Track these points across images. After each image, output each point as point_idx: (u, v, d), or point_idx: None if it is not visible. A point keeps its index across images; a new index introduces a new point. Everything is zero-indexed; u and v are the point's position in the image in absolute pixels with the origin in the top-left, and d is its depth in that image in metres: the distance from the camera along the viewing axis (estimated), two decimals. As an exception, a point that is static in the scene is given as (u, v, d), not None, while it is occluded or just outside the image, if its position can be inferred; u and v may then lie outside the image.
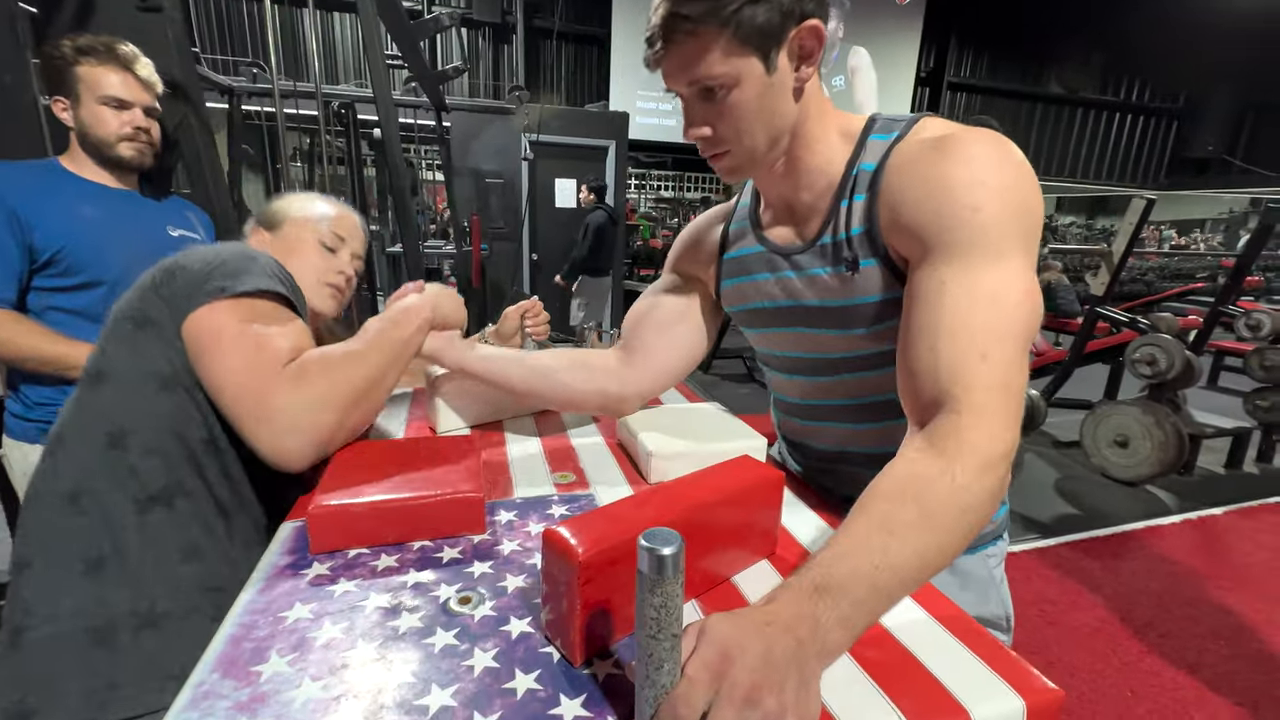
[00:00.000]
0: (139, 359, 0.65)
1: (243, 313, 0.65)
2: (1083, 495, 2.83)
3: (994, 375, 0.49)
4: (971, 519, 0.45)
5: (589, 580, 0.40)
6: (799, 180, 0.66)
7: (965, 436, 0.47)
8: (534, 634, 0.44)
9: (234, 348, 0.63)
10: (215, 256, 0.68)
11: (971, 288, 0.52)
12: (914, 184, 0.57)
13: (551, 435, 0.85)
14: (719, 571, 0.52)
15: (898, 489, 0.46)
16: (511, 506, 0.63)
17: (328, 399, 0.63)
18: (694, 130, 0.63)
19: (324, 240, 0.87)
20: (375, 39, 1.65)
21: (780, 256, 0.70)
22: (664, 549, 0.31)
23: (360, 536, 0.54)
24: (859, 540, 0.42)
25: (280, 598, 0.47)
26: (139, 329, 0.65)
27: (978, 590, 0.75)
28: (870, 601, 0.40)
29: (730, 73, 0.57)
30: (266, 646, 0.42)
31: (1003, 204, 0.53)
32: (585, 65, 8.49)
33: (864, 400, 0.71)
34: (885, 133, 0.63)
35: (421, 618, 0.45)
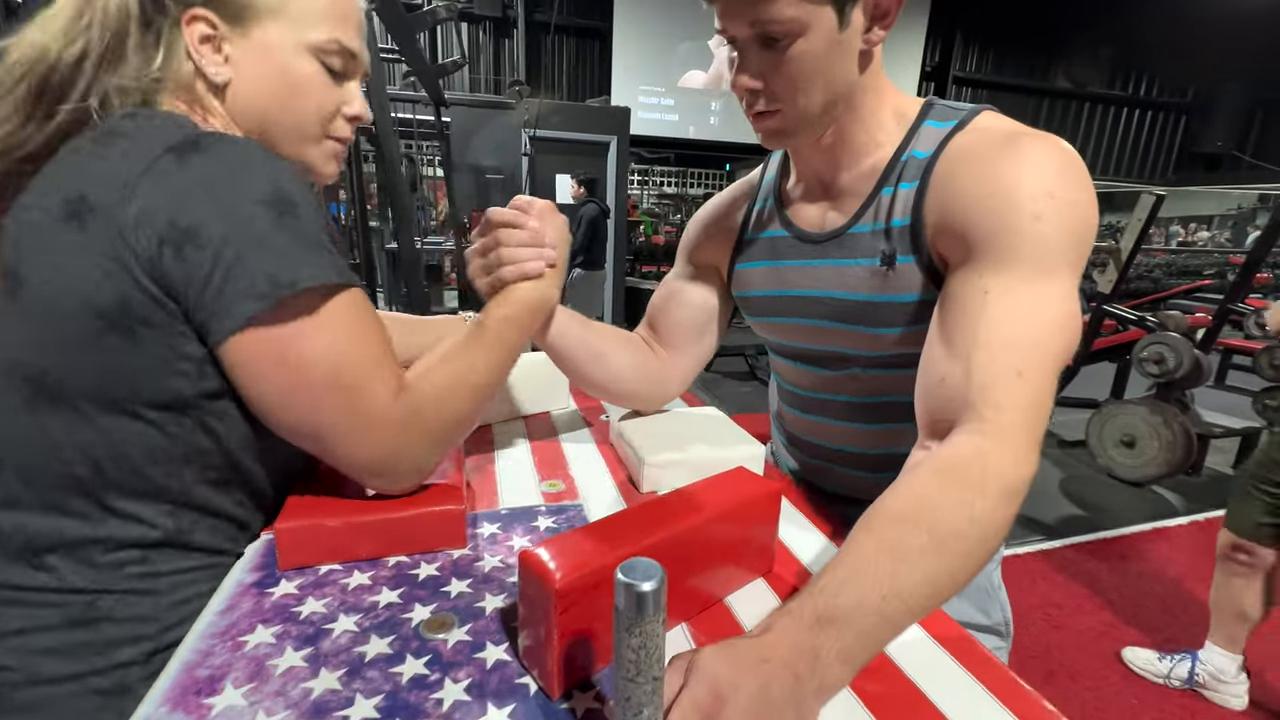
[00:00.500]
0: (116, 377, 0.44)
1: (310, 335, 0.45)
2: (1088, 496, 2.79)
3: (1027, 395, 0.46)
4: (985, 550, 0.42)
5: (567, 608, 0.37)
6: (841, 157, 0.62)
7: (990, 462, 0.44)
8: (511, 662, 0.41)
9: (317, 399, 0.46)
10: (226, 213, 0.43)
11: (1016, 301, 0.48)
12: (974, 180, 0.52)
13: (542, 439, 0.82)
14: (711, 592, 0.48)
15: (910, 512, 0.42)
16: (495, 518, 0.60)
17: (446, 438, 0.53)
18: (745, 80, 0.56)
19: (325, 57, 0.54)
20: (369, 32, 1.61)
21: (808, 243, 0.66)
22: (643, 584, 0.28)
23: (332, 552, 0.51)
24: (865, 566, 0.39)
25: (242, 620, 0.44)
26: (110, 331, 0.43)
27: (976, 598, 0.72)
28: (875, 633, 0.37)
29: (800, 19, 0.51)
30: (222, 675, 0.39)
31: (1066, 219, 0.49)
32: (587, 60, 8.43)
33: (874, 400, 0.67)
34: (943, 120, 0.59)
35: (391, 643, 0.42)
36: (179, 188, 0.43)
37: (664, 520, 0.44)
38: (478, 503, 0.64)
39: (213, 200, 0.43)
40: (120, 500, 0.46)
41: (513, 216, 0.62)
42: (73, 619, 0.45)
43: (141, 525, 0.47)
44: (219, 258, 0.43)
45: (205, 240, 0.42)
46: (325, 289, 0.46)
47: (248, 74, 0.52)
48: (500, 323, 0.58)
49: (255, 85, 0.53)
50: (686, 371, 0.81)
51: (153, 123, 0.47)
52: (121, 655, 0.45)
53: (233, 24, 0.51)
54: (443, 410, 0.52)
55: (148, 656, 0.46)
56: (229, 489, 0.51)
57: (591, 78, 8.43)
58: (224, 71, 0.52)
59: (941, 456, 0.46)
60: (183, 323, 0.45)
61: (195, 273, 0.43)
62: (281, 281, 0.43)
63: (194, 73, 0.51)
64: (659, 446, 0.69)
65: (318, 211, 0.47)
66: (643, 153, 8.60)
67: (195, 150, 0.44)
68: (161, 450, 0.47)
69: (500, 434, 0.84)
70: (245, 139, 0.48)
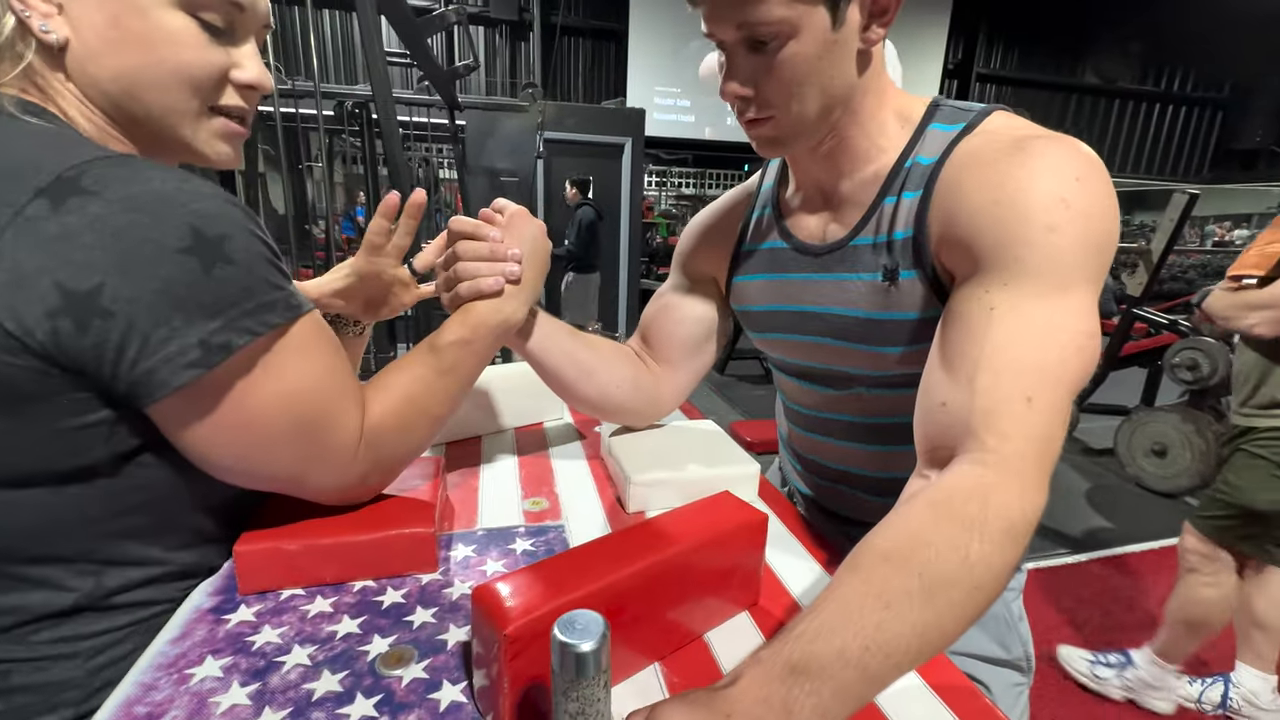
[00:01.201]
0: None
1: (259, 389, 0.41)
2: (1116, 507, 2.69)
3: (1036, 424, 0.41)
4: (982, 598, 0.37)
5: (518, 654, 0.34)
6: (842, 164, 0.58)
7: (992, 498, 0.39)
8: (465, 704, 0.38)
9: (277, 451, 0.43)
10: (127, 260, 0.35)
11: (1027, 320, 0.44)
12: (981, 186, 0.48)
13: (531, 453, 0.80)
14: (690, 628, 0.45)
15: (901, 552, 0.37)
16: (471, 539, 0.58)
17: (402, 465, 0.53)
18: (734, 87, 0.53)
19: (199, 10, 0.43)
20: (373, 35, 1.62)
21: (808, 255, 0.63)
22: (582, 644, 0.25)
23: (295, 576, 0.49)
24: (849, 612, 0.35)
25: (193, 649, 0.42)
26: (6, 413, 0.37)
27: (994, 630, 0.67)
28: (856, 688, 0.33)
29: (790, 19, 0.48)
30: (160, 713, 0.37)
31: (1083, 230, 0.45)
32: (603, 61, 8.44)
33: (879, 420, 0.64)
34: (950, 123, 0.55)
35: (343, 679, 0.40)
36: (63, 244, 0.34)
37: (637, 552, 0.41)
38: (455, 521, 0.61)
39: (113, 256, 0.35)
40: (24, 569, 0.41)
41: (473, 227, 0.59)
42: None
43: (52, 591, 0.41)
44: (132, 326, 0.36)
45: (112, 306, 0.35)
46: (270, 335, 0.40)
47: (91, 31, 0.41)
48: (455, 348, 0.54)
49: (104, 47, 0.41)
50: (681, 387, 0.78)
51: (7, 140, 0.37)
52: None
53: None
54: (400, 444, 0.51)
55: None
56: (157, 538, 0.46)
57: (607, 79, 8.44)
58: (58, 27, 0.40)
59: (939, 488, 0.41)
60: (83, 391, 0.38)
61: (105, 347, 0.36)
62: (214, 345, 0.38)
63: (18, 30, 0.40)
64: (647, 464, 0.66)
65: (252, 236, 0.40)
66: (661, 154, 8.58)
67: (75, 191, 0.35)
68: (69, 518, 0.41)
69: (489, 446, 0.81)
70: (138, 162, 0.38)
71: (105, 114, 0.44)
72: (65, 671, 0.42)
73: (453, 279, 0.58)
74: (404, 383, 0.52)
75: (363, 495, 0.52)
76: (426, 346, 0.55)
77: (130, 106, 0.44)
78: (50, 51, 0.41)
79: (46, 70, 0.42)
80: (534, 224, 0.61)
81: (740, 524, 0.46)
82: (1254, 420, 1.40)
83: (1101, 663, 1.63)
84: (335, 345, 0.47)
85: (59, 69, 0.42)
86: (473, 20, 7.67)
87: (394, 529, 0.51)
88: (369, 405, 0.49)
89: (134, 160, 0.38)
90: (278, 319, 0.41)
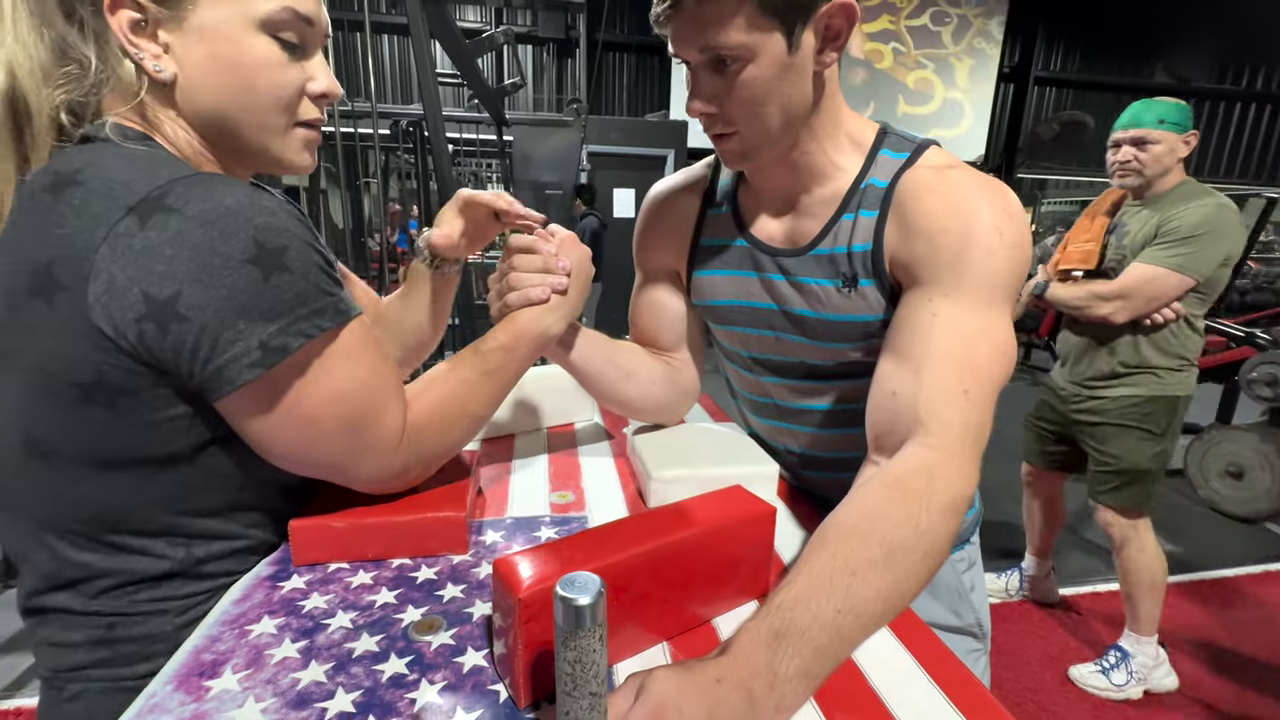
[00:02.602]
0: (91, 443, 0.44)
1: (313, 387, 0.45)
2: (1185, 531, 2.52)
3: (972, 414, 0.50)
4: (932, 563, 0.43)
5: (531, 618, 0.37)
6: (803, 178, 0.63)
7: (937, 476, 0.46)
8: (486, 668, 0.42)
9: (328, 442, 0.48)
10: (205, 269, 0.40)
11: (964, 324, 0.52)
12: (932, 214, 0.56)
13: (561, 451, 0.84)
14: (697, 612, 0.48)
15: (862, 526, 0.43)
16: (500, 526, 0.62)
17: (441, 459, 0.57)
18: (699, 104, 0.58)
19: (279, 30, 0.48)
20: (425, 58, 1.72)
21: (767, 256, 0.66)
22: (579, 598, 0.28)
23: (341, 551, 0.54)
24: (820, 581, 0.40)
25: (252, 610, 0.48)
26: (89, 403, 0.42)
27: (948, 600, 0.73)
28: (833, 648, 0.37)
29: (748, 44, 0.52)
30: (224, 660, 0.42)
31: (1010, 256, 0.54)
32: (647, 75, 8.57)
33: (837, 406, 0.69)
34: (897, 150, 0.61)
35: (379, 641, 0.44)
36: (147, 256, 0.39)
37: (646, 535, 0.44)
38: (487, 510, 0.66)
39: (189, 267, 0.39)
40: (127, 539, 0.47)
41: (530, 243, 0.63)
42: (95, 639, 0.48)
43: (152, 559, 0.48)
44: (204, 330, 0.40)
45: (187, 312, 0.40)
46: (322, 339, 0.45)
47: (194, 66, 0.46)
48: (499, 352, 0.58)
49: (205, 78, 0.47)
50: (694, 371, 0.81)
51: (107, 163, 0.42)
52: (140, 669, 0.48)
53: (164, 6, 0.44)
54: (439, 438, 0.55)
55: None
56: (236, 516, 0.52)
57: (651, 93, 8.56)
58: (167, 65, 0.46)
59: (890, 471, 0.48)
60: (166, 387, 0.43)
61: (182, 348, 0.41)
62: (273, 347, 0.42)
63: (135, 73, 0.45)
64: (668, 461, 0.69)
65: (309, 247, 0.44)
66: (702, 165, 8.62)
67: (159, 209, 0.39)
68: (160, 497, 0.47)
69: (522, 444, 0.86)
70: (215, 180, 0.42)
71: (203, 136, 0.50)
72: (158, 626, 0.49)
73: (504, 290, 0.62)
74: (447, 383, 0.56)
75: (402, 486, 0.56)
76: (471, 350, 0.59)
77: (226, 127, 0.49)
78: (159, 86, 0.47)
79: (155, 103, 0.47)
80: (581, 248, 0.65)
81: (748, 515, 0.48)
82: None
83: (1109, 667, 1.66)
84: (380, 348, 0.51)
85: (167, 101, 0.48)
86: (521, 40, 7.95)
87: (429, 512, 0.55)
88: (413, 403, 0.53)
89: (211, 178, 0.43)
90: (329, 323, 0.45)
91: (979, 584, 0.77)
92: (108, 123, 0.45)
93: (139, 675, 0.47)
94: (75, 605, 0.48)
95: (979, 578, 0.78)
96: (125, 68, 0.46)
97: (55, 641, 0.49)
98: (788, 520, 0.67)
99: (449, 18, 2.13)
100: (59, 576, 0.47)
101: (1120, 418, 1.58)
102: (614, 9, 7.57)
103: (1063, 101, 9.50)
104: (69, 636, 0.48)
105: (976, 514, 0.78)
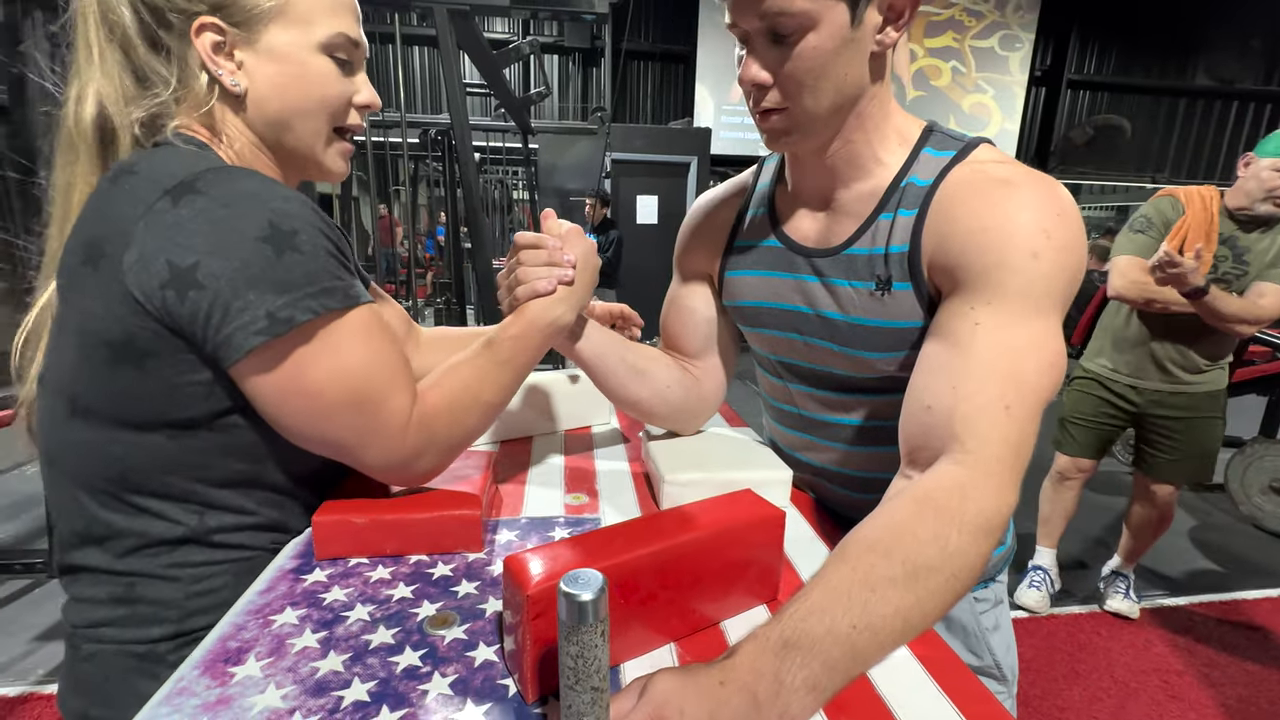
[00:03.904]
0: (123, 399, 0.48)
1: (316, 362, 0.48)
2: (1226, 549, 2.42)
3: (1012, 430, 0.46)
4: (959, 586, 0.40)
5: (539, 614, 0.38)
6: (843, 171, 0.61)
7: (970, 495, 0.43)
8: (496, 663, 0.43)
9: (334, 418, 0.49)
10: (222, 242, 0.44)
11: (1008, 336, 0.49)
12: (971, 214, 0.52)
13: (577, 454, 0.85)
14: (705, 615, 0.48)
15: (886, 542, 0.41)
16: (515, 526, 0.63)
17: (455, 448, 0.58)
18: (754, 72, 0.55)
19: (335, 51, 0.55)
20: (453, 69, 1.76)
21: (801, 256, 0.65)
22: (582, 594, 0.29)
23: (361, 547, 0.56)
24: (837, 594, 0.38)
25: (275, 600, 0.49)
26: (120, 363, 0.46)
27: (962, 638, 0.69)
28: (844, 664, 0.36)
29: (812, 11, 0.50)
30: (248, 648, 0.44)
31: (1060, 260, 0.50)
32: (671, 83, 8.61)
33: (867, 423, 0.66)
34: (942, 149, 0.58)
35: (395, 634, 0.46)
36: (175, 230, 0.44)
37: (655, 535, 0.45)
38: (502, 509, 0.67)
39: (208, 240, 0.44)
40: (148, 500, 0.50)
41: (535, 239, 0.64)
42: (116, 597, 0.51)
43: (167, 523, 0.51)
44: (218, 297, 0.44)
45: (204, 280, 0.44)
46: (328, 316, 0.48)
47: (263, 81, 0.53)
48: (511, 341, 0.60)
49: (271, 91, 0.53)
50: (719, 381, 0.80)
51: (160, 158, 0.48)
52: (152, 633, 0.51)
53: (240, 29, 0.51)
54: (453, 425, 0.56)
55: (172, 637, 0.51)
56: (249, 491, 0.54)
57: (675, 100, 8.60)
58: (241, 79, 0.52)
59: (921, 486, 0.45)
60: (188, 353, 0.47)
61: (198, 313, 0.45)
62: (279, 318, 0.45)
63: (209, 86, 0.52)
64: (681, 465, 0.69)
65: (321, 234, 0.48)
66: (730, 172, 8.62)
67: (190, 191, 0.44)
68: (180, 461, 0.50)
69: (539, 446, 0.87)
70: (242, 172, 0.47)
71: (262, 139, 0.56)
72: (171, 593, 0.51)
73: (513, 284, 0.63)
74: (460, 372, 0.58)
75: (419, 476, 0.57)
76: (484, 342, 0.61)
77: (283, 135, 0.56)
78: (230, 97, 0.53)
79: (226, 113, 0.54)
80: (586, 241, 0.66)
81: (756, 518, 0.48)
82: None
83: (1125, 590, 2.02)
84: (391, 337, 0.53)
85: (236, 111, 0.54)
86: (547, 49, 8.08)
87: (446, 510, 0.57)
88: (427, 392, 0.55)
89: (239, 169, 0.48)
90: (335, 304, 0.48)
91: (1004, 624, 0.72)
92: (172, 131, 0.51)
93: (150, 639, 0.51)
94: (102, 563, 0.51)
95: (1004, 617, 0.73)
96: (200, 83, 0.52)
97: (81, 597, 0.52)
98: (809, 536, 0.65)
99: (477, 30, 2.18)
100: (89, 534, 0.51)
101: (1208, 408, 1.76)
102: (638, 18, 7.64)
103: (1097, 105, 9.24)
104: (94, 593, 0.52)
105: (1007, 550, 0.73)
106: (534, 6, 2.17)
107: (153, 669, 0.51)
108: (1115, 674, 1.71)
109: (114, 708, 0.51)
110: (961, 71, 8.56)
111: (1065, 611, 2.00)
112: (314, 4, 0.53)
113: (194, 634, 0.51)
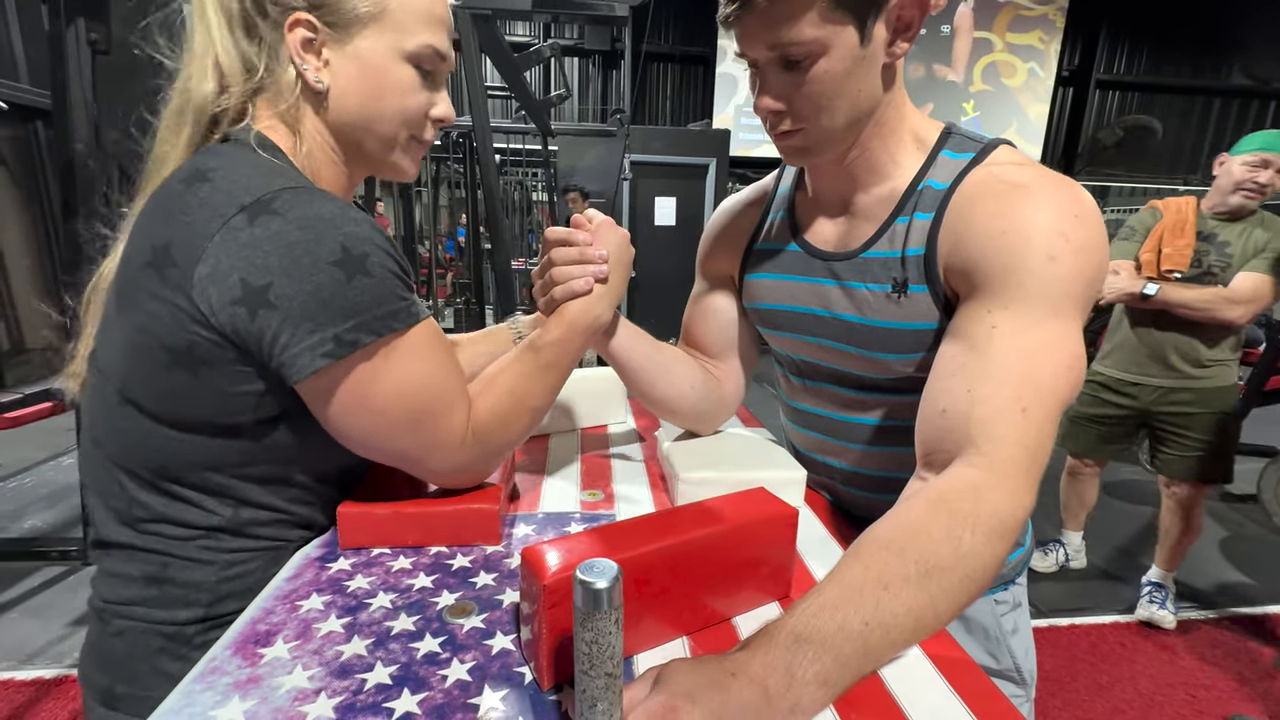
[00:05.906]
0: (188, 405, 0.49)
1: (380, 382, 0.49)
2: (1258, 561, 2.35)
3: (1029, 433, 0.46)
4: (973, 587, 0.40)
5: (555, 604, 0.39)
6: (861, 175, 0.61)
7: (984, 497, 0.43)
8: (513, 651, 0.44)
9: (396, 434, 0.52)
10: (293, 264, 0.45)
11: (1025, 338, 0.48)
12: (989, 216, 0.52)
13: (594, 451, 0.86)
14: (718, 610, 0.49)
15: (899, 540, 0.41)
16: (532, 520, 0.64)
17: (505, 452, 0.60)
18: (768, 102, 0.56)
19: (421, 62, 0.55)
20: (475, 71, 1.79)
21: (818, 260, 0.65)
22: (597, 582, 0.30)
23: (384, 537, 0.58)
24: (850, 592, 0.38)
25: (303, 587, 0.51)
26: (176, 367, 0.48)
27: (981, 639, 0.69)
28: (855, 660, 0.36)
29: (820, 38, 0.51)
30: (276, 631, 0.46)
31: (1078, 263, 0.49)
32: (691, 85, 8.62)
33: (885, 423, 0.66)
34: (960, 151, 0.58)
35: (416, 621, 0.47)
36: (250, 250, 0.45)
37: (668, 530, 0.45)
38: (520, 505, 0.68)
39: (283, 262, 0.45)
40: (186, 490, 0.52)
41: (565, 234, 0.64)
42: (149, 575, 0.53)
43: (204, 511, 0.53)
44: (287, 317, 0.45)
45: (276, 301, 0.45)
46: (390, 337, 0.49)
47: (345, 81, 0.54)
48: (553, 346, 0.60)
49: (352, 92, 0.54)
50: (738, 382, 0.80)
51: (235, 166, 0.48)
52: (180, 615, 0.53)
53: (333, 29, 0.52)
54: (504, 431, 0.58)
55: (200, 620, 0.53)
56: (282, 490, 0.56)
57: (694, 102, 8.60)
58: (325, 77, 0.53)
59: (936, 487, 0.45)
60: (245, 365, 0.48)
61: (266, 332, 0.46)
62: (345, 340, 0.46)
63: (294, 79, 0.53)
64: (696, 463, 0.70)
65: (388, 255, 0.49)
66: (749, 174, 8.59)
67: (266, 211, 0.45)
68: (220, 461, 0.52)
69: (556, 444, 0.88)
70: (317, 194, 0.48)
71: (336, 137, 0.56)
72: (203, 575, 0.53)
73: (548, 284, 0.64)
74: (507, 379, 0.59)
75: (474, 479, 0.59)
76: (527, 345, 0.62)
77: (359, 136, 0.56)
78: (313, 94, 0.54)
79: (305, 108, 0.54)
80: (619, 231, 0.66)
81: (769, 515, 0.49)
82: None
83: (1161, 601, 1.97)
84: (448, 350, 0.54)
85: (316, 109, 0.55)
86: (567, 52, 8.13)
87: (465, 504, 0.58)
88: (476, 401, 0.56)
89: (314, 191, 0.48)
90: (399, 324, 0.49)
91: (1023, 627, 0.72)
92: (252, 131, 0.52)
93: (178, 621, 0.53)
94: (138, 541, 0.53)
95: (1024, 621, 0.72)
96: (286, 76, 0.53)
97: (115, 573, 0.54)
98: (823, 536, 0.65)
99: (498, 34, 2.21)
100: (127, 513, 0.53)
101: (1216, 403, 1.79)
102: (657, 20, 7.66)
103: (1126, 106, 9.03)
104: (128, 570, 0.53)
105: (1025, 553, 0.73)
106: (556, 10, 2.20)
107: (179, 649, 0.53)
108: (1140, 686, 1.67)
109: (138, 685, 0.53)
110: (1038, 75, 8.13)
111: (1088, 621, 1.96)
112: (410, 15, 0.53)
113: (222, 618, 0.53)
